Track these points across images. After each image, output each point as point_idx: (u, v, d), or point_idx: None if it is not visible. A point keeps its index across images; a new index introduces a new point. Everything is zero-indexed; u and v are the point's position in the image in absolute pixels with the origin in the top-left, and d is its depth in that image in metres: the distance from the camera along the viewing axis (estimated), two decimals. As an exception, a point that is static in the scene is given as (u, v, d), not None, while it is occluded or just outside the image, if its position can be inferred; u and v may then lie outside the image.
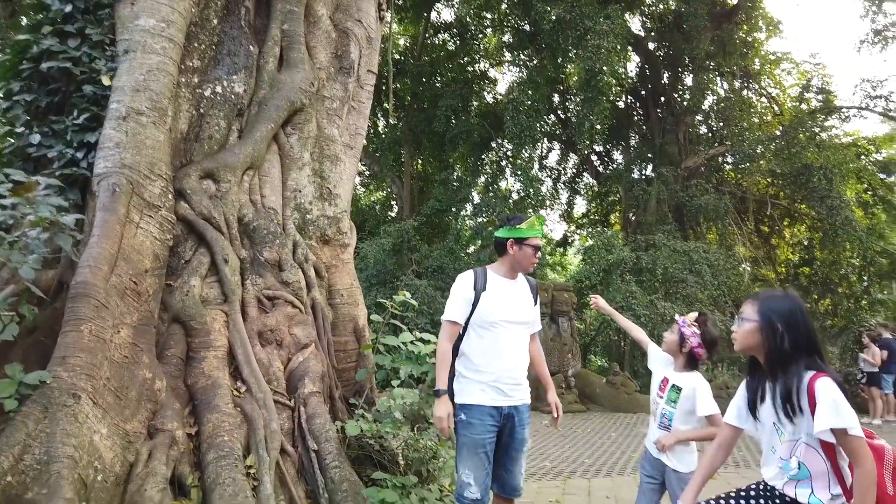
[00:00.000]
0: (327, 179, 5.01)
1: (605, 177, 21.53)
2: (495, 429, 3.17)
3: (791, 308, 2.19)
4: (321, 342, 4.49)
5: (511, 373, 3.20)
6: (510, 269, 3.31)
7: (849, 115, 18.73)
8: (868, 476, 1.99)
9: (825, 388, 2.05)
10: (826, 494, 2.08)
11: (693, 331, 3.09)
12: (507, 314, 3.23)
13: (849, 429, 2.00)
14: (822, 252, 19.45)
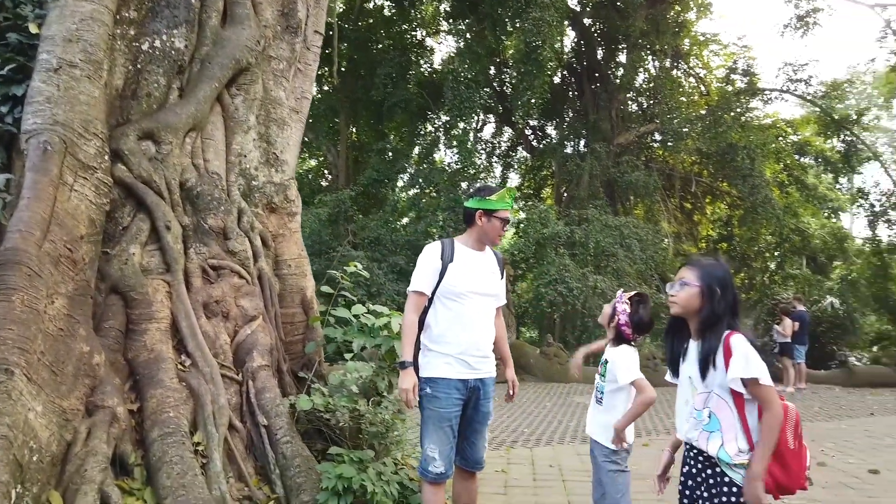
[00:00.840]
0: (274, 144, 4.79)
1: (539, 151, 21.74)
2: (461, 402, 3.15)
3: (725, 274, 2.35)
4: (268, 314, 4.33)
5: (478, 345, 3.17)
6: (477, 240, 3.26)
7: (771, 97, 19.54)
8: (776, 418, 2.16)
9: (738, 343, 2.21)
10: (734, 448, 2.20)
11: (624, 308, 3.11)
12: (474, 285, 3.19)
13: (759, 378, 2.16)
14: (741, 229, 20.41)
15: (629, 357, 3.05)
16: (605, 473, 3.10)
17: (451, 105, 15.43)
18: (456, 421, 3.15)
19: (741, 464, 2.20)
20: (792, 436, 2.20)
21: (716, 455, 2.24)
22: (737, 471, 2.21)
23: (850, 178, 21.28)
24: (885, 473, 5.54)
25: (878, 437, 7.45)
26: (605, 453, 3.10)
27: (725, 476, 2.23)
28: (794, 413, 2.23)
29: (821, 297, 17.99)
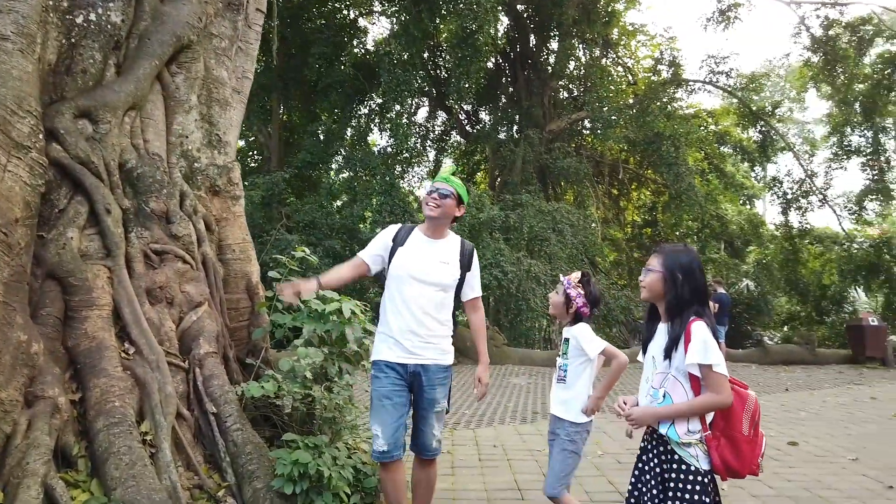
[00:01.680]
0: (216, 125, 4.65)
1: (472, 136, 21.86)
2: (400, 384, 3.24)
3: (690, 261, 2.45)
4: (214, 300, 4.22)
5: (416, 330, 3.22)
6: (431, 227, 3.31)
7: (695, 88, 20.33)
8: (717, 399, 2.28)
9: (698, 330, 2.32)
10: (684, 428, 2.32)
11: (578, 291, 3.23)
12: (414, 271, 3.27)
13: (713, 365, 2.28)
14: (664, 215, 21.24)
15: (589, 331, 3.21)
16: (559, 451, 3.19)
17: (387, 87, 15.28)
18: (399, 400, 3.23)
19: (689, 443, 2.31)
20: (748, 423, 2.30)
21: (666, 433, 2.36)
22: (685, 449, 2.32)
23: (764, 167, 22.45)
24: (803, 445, 5.96)
25: (793, 411, 7.99)
26: (568, 431, 3.19)
27: (675, 454, 2.34)
28: (752, 402, 2.34)
29: (737, 279, 19.01)
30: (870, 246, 18.52)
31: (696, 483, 2.29)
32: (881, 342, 14.47)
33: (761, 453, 2.34)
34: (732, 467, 2.30)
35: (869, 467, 5.20)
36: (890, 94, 18.67)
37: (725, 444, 2.30)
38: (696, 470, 2.30)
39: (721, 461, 2.29)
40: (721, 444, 2.31)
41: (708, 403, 2.30)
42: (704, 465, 2.30)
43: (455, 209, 3.34)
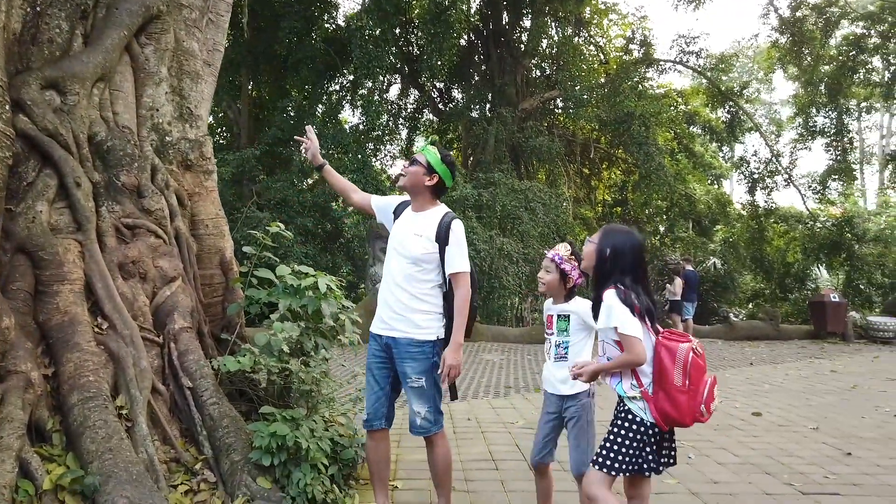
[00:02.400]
0: (187, 98, 4.57)
1: (445, 115, 21.76)
2: (381, 356, 3.30)
3: (622, 241, 2.64)
4: (187, 275, 4.19)
5: (389, 302, 3.26)
6: (411, 198, 3.34)
7: (665, 68, 20.48)
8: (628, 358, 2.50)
9: (607, 297, 2.55)
10: (627, 384, 2.56)
11: (572, 264, 3.11)
12: (393, 242, 3.33)
13: (618, 327, 2.50)
14: (634, 194, 21.48)
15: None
16: (579, 429, 3.07)
17: (359, 63, 15.10)
18: (378, 373, 3.31)
19: (634, 396, 2.54)
20: (680, 374, 2.45)
21: (615, 389, 2.61)
22: (633, 402, 2.55)
23: (732, 147, 22.81)
24: (766, 415, 6.16)
25: (757, 384, 8.23)
26: (582, 404, 3.07)
27: (626, 406, 2.57)
28: (683, 353, 2.47)
29: (705, 258, 19.37)
30: (832, 225, 19.00)
31: (638, 432, 2.52)
32: (841, 318, 14.92)
33: (703, 400, 2.46)
34: (672, 417, 2.48)
35: (829, 435, 5.40)
36: (854, 76, 19.05)
37: (663, 397, 2.48)
38: (642, 421, 2.53)
39: (659, 413, 2.49)
40: (659, 397, 2.49)
41: (621, 361, 2.54)
42: (650, 418, 2.51)
43: (424, 178, 3.22)
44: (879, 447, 5.04)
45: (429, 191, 3.29)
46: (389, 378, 3.33)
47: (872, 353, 12.45)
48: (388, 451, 3.43)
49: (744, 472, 4.34)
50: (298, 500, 3.23)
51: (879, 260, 18.36)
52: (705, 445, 5.02)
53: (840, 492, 3.96)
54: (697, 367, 2.47)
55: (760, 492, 3.95)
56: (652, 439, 2.52)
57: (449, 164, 3.28)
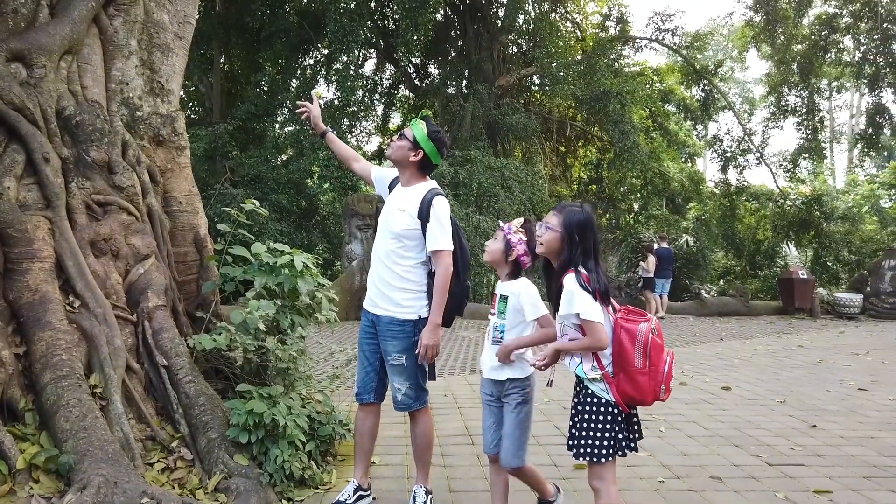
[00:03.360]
0: (158, 72, 4.47)
1: (421, 91, 21.58)
2: (370, 331, 3.30)
3: (585, 220, 2.58)
4: (161, 253, 4.14)
5: (374, 279, 3.27)
6: (399, 173, 3.32)
7: (641, 45, 20.49)
8: (589, 342, 2.47)
9: (567, 282, 2.49)
10: (588, 366, 2.54)
11: (520, 237, 2.88)
12: (381, 220, 3.31)
13: (580, 313, 2.46)
14: (610, 172, 21.61)
15: (533, 292, 2.85)
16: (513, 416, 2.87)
17: (333, 38, 14.87)
18: (369, 349, 3.32)
19: (594, 378, 2.53)
20: (640, 356, 2.46)
21: (575, 371, 2.59)
22: (595, 384, 2.55)
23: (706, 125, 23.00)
24: (735, 389, 6.31)
25: (727, 359, 8.41)
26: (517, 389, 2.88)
27: (588, 388, 2.57)
28: (643, 336, 2.46)
29: (678, 235, 19.61)
30: (802, 203, 19.34)
31: (605, 413, 2.53)
32: (809, 294, 15.26)
33: (663, 379, 2.48)
34: (634, 398, 2.50)
35: (795, 409, 5.56)
36: (826, 56, 19.28)
37: (624, 379, 2.49)
38: (606, 402, 2.52)
39: (620, 395, 2.50)
40: (620, 379, 2.50)
41: (583, 345, 2.50)
42: (611, 398, 2.52)
43: (408, 153, 3.18)
44: (843, 419, 5.20)
45: (414, 166, 3.22)
46: (378, 354, 3.31)
47: (838, 328, 12.78)
48: (376, 425, 3.44)
49: (713, 445, 4.46)
50: (276, 477, 3.26)
51: (846, 238, 18.77)
52: (676, 419, 5.13)
53: (805, 462, 4.09)
54: (656, 346, 2.46)
55: (729, 463, 4.06)
56: (619, 417, 2.53)
57: (436, 141, 3.19)
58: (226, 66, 18.72)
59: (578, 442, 2.57)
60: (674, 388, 6.28)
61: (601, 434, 2.52)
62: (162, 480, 3.15)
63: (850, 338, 11.12)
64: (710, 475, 3.83)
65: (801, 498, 3.49)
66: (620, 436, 2.53)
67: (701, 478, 3.80)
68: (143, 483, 2.86)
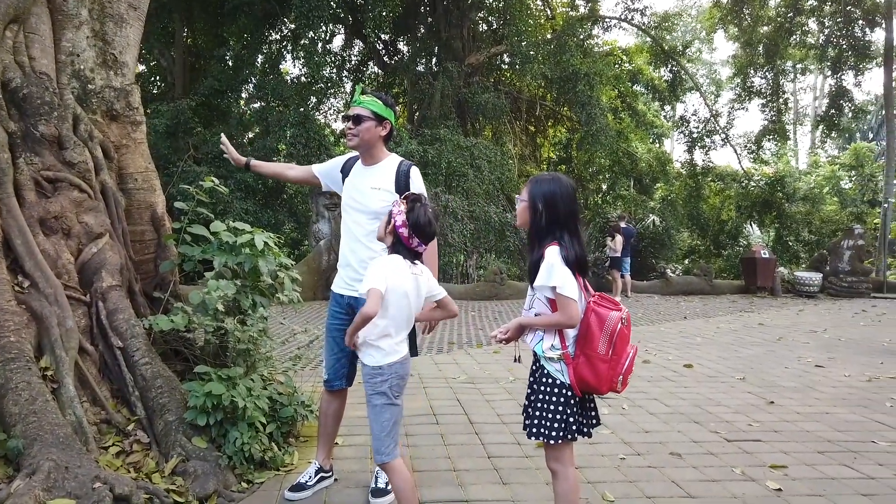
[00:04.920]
0: (111, 44, 4.30)
1: (391, 68, 21.32)
2: (341, 316, 3.18)
3: (552, 190, 2.49)
4: (116, 231, 4.01)
5: (350, 261, 3.15)
6: (361, 155, 3.24)
7: (610, 25, 20.49)
8: (560, 319, 2.40)
9: (549, 253, 2.42)
10: (548, 344, 2.47)
11: (400, 209, 2.66)
12: (349, 199, 3.21)
13: (557, 287, 2.39)
14: (578, 152, 21.70)
15: (380, 267, 2.56)
16: (370, 409, 2.70)
17: (299, 12, 14.56)
18: (340, 335, 3.11)
19: (551, 357, 2.46)
20: (605, 343, 2.38)
21: (533, 349, 2.53)
22: (551, 364, 2.47)
23: (674, 106, 23.20)
24: (697, 367, 6.42)
25: (690, 336, 8.55)
26: (367, 380, 2.67)
27: (544, 368, 2.50)
28: (612, 322, 2.39)
29: (644, 215, 19.83)
30: (765, 184, 19.68)
31: (559, 395, 2.46)
32: (770, 273, 15.58)
33: (623, 371, 2.41)
34: (589, 384, 2.42)
35: (754, 385, 5.68)
36: (790, 38, 19.51)
37: (584, 363, 2.42)
38: (561, 384, 2.46)
39: (577, 378, 2.43)
40: (580, 362, 2.42)
41: (552, 321, 2.43)
42: (567, 380, 2.45)
43: (378, 130, 3.12)
44: (799, 396, 5.33)
45: (382, 141, 3.18)
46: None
47: (798, 306, 13.09)
48: (342, 408, 3.41)
49: (673, 422, 4.53)
50: (235, 459, 3.21)
51: (807, 218, 19.19)
52: (639, 396, 5.20)
53: (762, 438, 4.18)
54: (623, 337, 2.41)
55: (689, 440, 4.13)
56: (572, 401, 2.47)
57: (391, 106, 3.17)
58: (189, 39, 18.22)
59: (532, 422, 2.53)
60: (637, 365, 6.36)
61: (552, 416, 2.46)
62: (117, 464, 3.08)
63: (809, 316, 11.40)
64: (670, 451, 3.89)
65: (758, 473, 3.57)
66: (572, 419, 2.47)
67: (661, 454, 3.85)
68: (95, 467, 2.79)
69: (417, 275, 2.65)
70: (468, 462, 3.65)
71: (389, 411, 2.65)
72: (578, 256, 2.45)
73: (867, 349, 7.70)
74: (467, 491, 3.26)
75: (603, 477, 3.47)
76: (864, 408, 4.98)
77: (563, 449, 2.51)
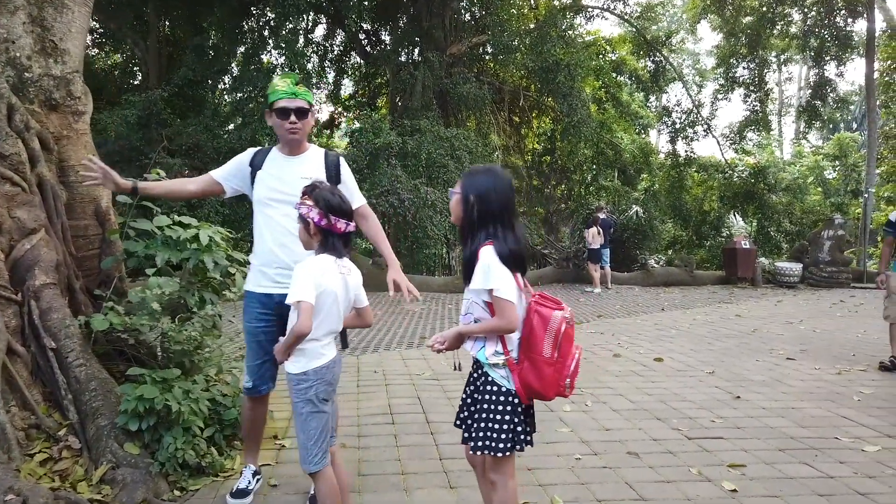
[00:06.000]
0: (50, 30, 4.11)
1: (373, 57, 21.08)
2: (267, 317, 3.00)
3: (485, 183, 2.35)
4: (53, 227, 3.84)
5: (280, 256, 2.97)
6: (281, 143, 3.07)
7: (593, 14, 20.33)
8: (498, 323, 2.25)
9: (484, 254, 2.26)
10: (491, 350, 2.32)
11: (307, 205, 2.47)
12: (271, 193, 3.01)
13: (493, 290, 2.23)
14: (562, 143, 21.58)
15: (307, 274, 2.37)
16: (295, 417, 2.52)
17: (276, 1, 14.30)
18: (265, 337, 2.99)
19: (496, 364, 2.32)
20: (550, 345, 2.25)
21: (475, 356, 2.37)
22: (495, 371, 2.33)
23: (659, 96, 23.10)
24: (668, 360, 6.34)
25: (665, 329, 8.48)
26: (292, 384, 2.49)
27: (488, 375, 2.35)
28: (556, 323, 2.26)
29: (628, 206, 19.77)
30: (748, 175, 19.65)
31: (506, 404, 2.31)
32: (751, 264, 15.58)
33: (569, 373, 2.29)
34: (535, 389, 2.28)
35: (723, 379, 5.59)
36: (773, 28, 19.44)
37: (528, 367, 2.28)
38: (507, 391, 2.31)
39: (522, 384, 2.29)
40: (524, 367, 2.28)
41: (490, 326, 2.28)
42: (513, 387, 2.31)
43: (312, 118, 3.06)
44: (767, 390, 5.25)
45: (312, 127, 3.11)
46: (276, 340, 3.13)
47: (777, 297, 13.08)
48: (267, 409, 3.29)
49: (636, 419, 4.43)
50: (168, 466, 3.07)
51: (788, 208, 19.19)
52: (604, 392, 5.10)
53: (724, 435, 4.09)
54: (568, 338, 2.28)
55: (649, 438, 4.03)
56: (518, 408, 2.33)
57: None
58: (166, 30, 17.89)
59: (477, 434, 2.35)
60: (607, 359, 6.28)
61: (499, 426, 2.31)
62: (40, 473, 2.93)
63: (787, 306, 11.37)
64: (628, 451, 3.79)
65: (715, 472, 3.47)
66: (520, 429, 2.33)
67: (618, 454, 3.75)
68: (11, 477, 2.64)
69: (346, 273, 2.51)
70: (418, 465, 3.53)
71: (316, 419, 2.46)
72: (515, 253, 2.30)
73: (841, 341, 7.65)
74: (412, 496, 3.15)
75: (555, 479, 3.37)
76: (831, 402, 4.91)
77: (508, 460, 2.36)
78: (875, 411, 4.67)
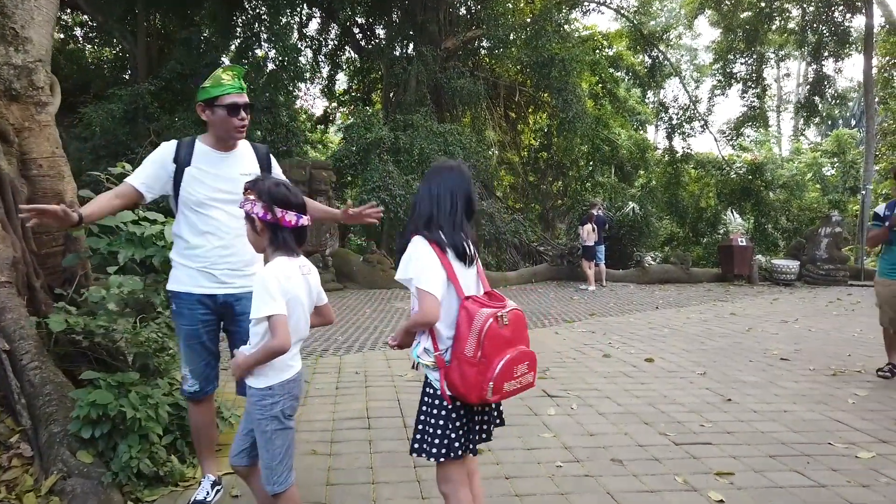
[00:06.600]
0: (11, 17, 3.94)
1: (367, 52, 20.88)
2: (209, 318, 2.85)
3: (435, 176, 2.30)
4: (12, 222, 3.68)
5: (225, 258, 2.81)
6: (217, 139, 2.85)
7: (589, 8, 20.15)
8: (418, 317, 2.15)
9: (412, 244, 2.20)
10: (420, 348, 2.23)
11: (251, 201, 2.26)
12: (216, 192, 2.81)
13: (412, 279, 2.15)
14: (558, 139, 21.40)
15: (270, 283, 2.15)
16: (259, 435, 2.30)
17: (269, -7, 14.12)
18: (208, 338, 2.89)
19: (427, 364, 2.20)
20: (473, 344, 2.09)
21: (410, 354, 2.27)
22: (430, 371, 2.23)
23: (656, 92, 22.91)
24: (658, 361, 6.18)
25: (658, 328, 8.31)
26: (256, 402, 2.27)
27: (426, 376, 2.26)
28: (481, 322, 2.10)
29: (624, 203, 19.61)
30: (746, 172, 19.48)
31: (440, 407, 2.20)
32: (747, 261, 15.42)
33: (494, 377, 2.08)
34: (458, 390, 2.14)
35: (714, 381, 5.44)
36: (771, 23, 19.26)
37: (455, 367, 2.13)
38: (440, 394, 2.19)
39: (448, 385, 2.16)
40: (451, 366, 2.15)
41: (413, 320, 2.19)
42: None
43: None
44: (759, 392, 5.09)
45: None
46: (217, 341, 2.98)
47: (773, 295, 12.92)
48: (214, 411, 3.15)
49: (622, 423, 4.27)
50: (122, 476, 2.91)
51: (785, 205, 19.03)
52: (591, 395, 4.95)
53: (712, 441, 3.94)
54: (495, 337, 2.09)
55: (634, 443, 3.87)
56: (453, 414, 2.19)
57: None
58: (156, 23, 17.67)
59: (414, 437, 2.26)
60: (596, 360, 6.11)
61: (433, 430, 2.19)
62: (-17, 483, 2.77)
63: (783, 304, 11.22)
64: (612, 458, 3.63)
65: (701, 481, 3.32)
66: (454, 435, 2.18)
67: (602, 461, 3.59)
68: (-53, 490, 2.48)
69: (307, 274, 2.34)
70: (390, 473, 3.37)
71: (282, 437, 2.27)
72: (457, 245, 2.20)
73: (836, 340, 7.49)
74: (381, 507, 2.99)
75: (533, 488, 3.20)
76: (824, 405, 4.76)
77: (450, 468, 2.23)
78: (869, 414, 4.51)
